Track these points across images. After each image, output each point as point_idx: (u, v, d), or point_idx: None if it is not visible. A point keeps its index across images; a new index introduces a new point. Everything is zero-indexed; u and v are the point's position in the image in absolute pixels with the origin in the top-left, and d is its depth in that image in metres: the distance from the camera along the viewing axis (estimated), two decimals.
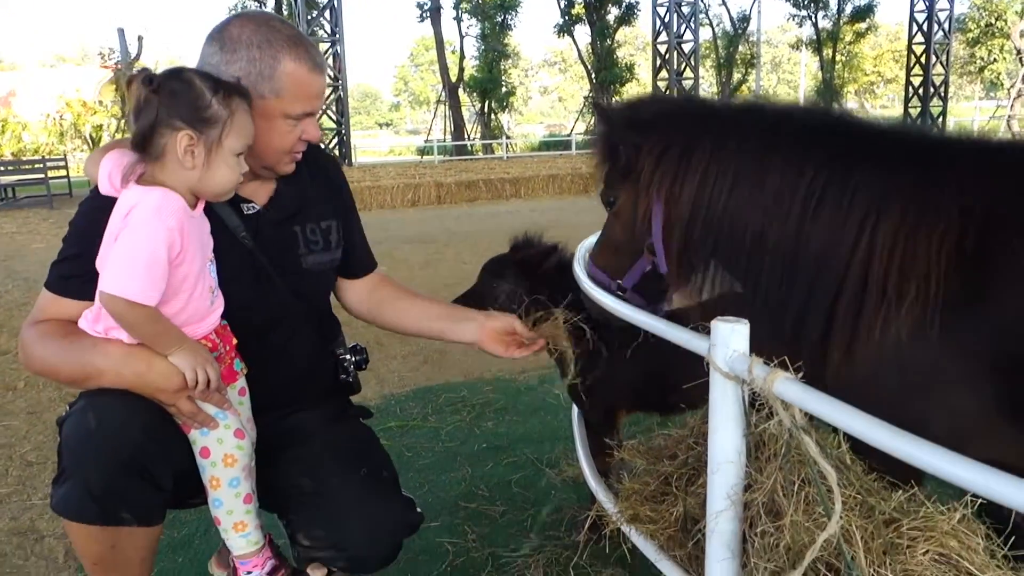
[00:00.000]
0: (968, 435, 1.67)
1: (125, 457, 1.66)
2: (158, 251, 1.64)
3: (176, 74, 1.71)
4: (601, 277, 2.21)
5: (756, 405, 1.49)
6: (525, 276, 2.76)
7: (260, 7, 37.01)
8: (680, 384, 2.56)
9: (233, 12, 1.98)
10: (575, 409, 3.05)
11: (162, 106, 1.66)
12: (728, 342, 1.53)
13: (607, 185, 2.12)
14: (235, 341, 1.91)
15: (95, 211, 1.79)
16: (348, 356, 2.27)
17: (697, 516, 1.70)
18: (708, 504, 1.58)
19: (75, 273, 1.81)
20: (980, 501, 1.32)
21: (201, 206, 1.81)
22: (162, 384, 1.71)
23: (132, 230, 1.65)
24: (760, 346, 1.51)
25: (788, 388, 1.37)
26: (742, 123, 1.89)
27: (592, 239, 3.18)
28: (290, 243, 2.07)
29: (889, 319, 1.65)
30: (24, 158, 28.38)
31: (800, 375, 1.38)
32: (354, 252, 2.28)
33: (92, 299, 1.76)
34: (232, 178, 1.77)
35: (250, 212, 2.01)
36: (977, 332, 1.63)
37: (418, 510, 2.04)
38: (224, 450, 1.81)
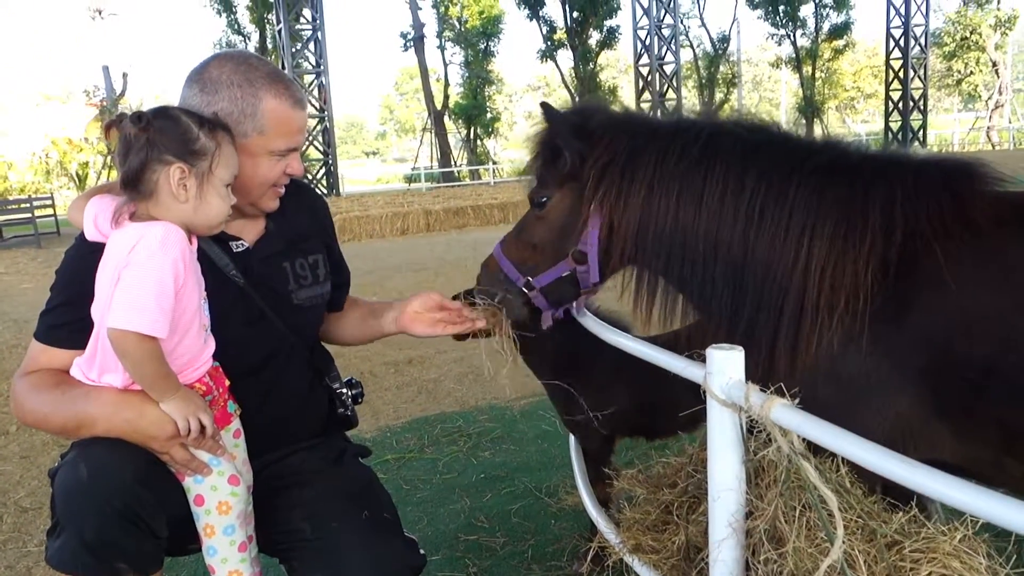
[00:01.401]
0: (905, 438, 1.72)
1: (118, 506, 1.64)
2: (166, 282, 1.65)
3: (162, 112, 1.74)
4: (509, 269, 2.21)
5: (754, 431, 1.50)
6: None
7: (245, 42, 37.21)
8: (673, 409, 2.58)
9: (214, 53, 2.02)
10: (572, 437, 3.05)
11: (151, 144, 1.68)
12: (724, 369, 1.54)
13: (540, 184, 2.14)
14: (228, 383, 1.90)
15: (81, 258, 1.79)
16: (344, 390, 2.27)
17: (699, 545, 1.71)
18: (710, 532, 1.58)
19: (64, 321, 1.80)
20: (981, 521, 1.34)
21: (195, 243, 1.82)
22: (154, 432, 1.70)
23: (138, 265, 1.64)
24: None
25: (786, 415, 1.38)
26: (682, 138, 1.92)
27: None
28: (281, 279, 2.08)
29: (823, 331, 1.73)
30: (10, 197, 28.31)
31: (797, 401, 1.40)
32: (342, 286, 2.32)
33: (82, 347, 1.75)
34: (224, 209, 1.79)
35: (239, 250, 2.02)
36: (902, 340, 1.70)
37: (421, 552, 2.02)
38: (219, 497, 1.79)
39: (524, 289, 2.17)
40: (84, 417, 1.72)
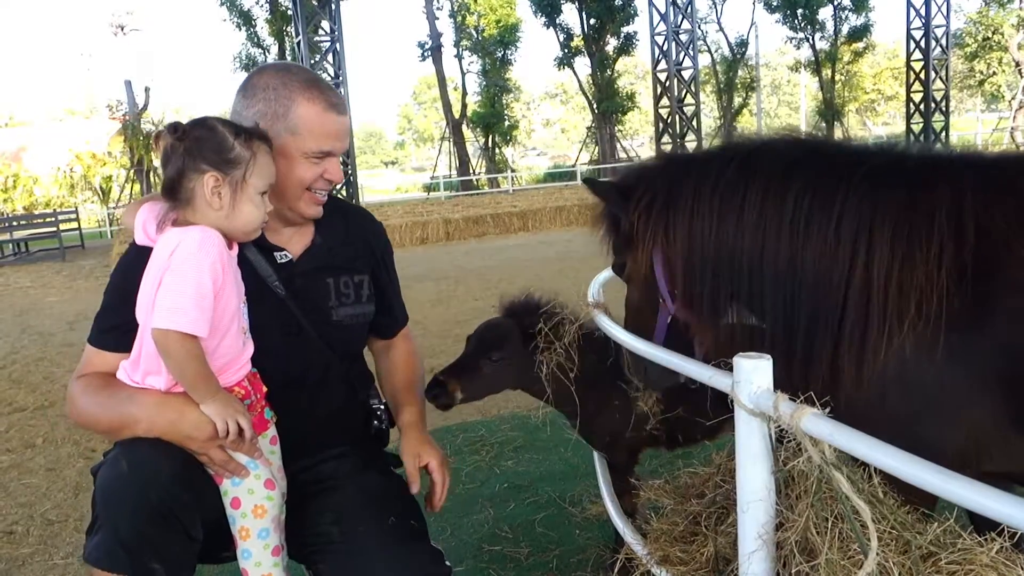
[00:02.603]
0: (979, 450, 1.67)
1: (155, 503, 1.67)
2: (204, 284, 1.71)
3: (200, 123, 1.82)
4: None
5: (784, 441, 1.47)
6: (526, 347, 2.56)
7: (264, 54, 37.56)
8: (697, 419, 2.55)
9: (256, 66, 2.14)
10: None
11: (188, 153, 1.76)
12: (751, 378, 1.51)
13: (616, 254, 2.19)
14: (265, 390, 1.94)
15: (131, 263, 1.88)
16: (381, 407, 2.28)
17: (729, 556, 1.68)
18: (739, 544, 1.55)
19: (113, 325, 1.88)
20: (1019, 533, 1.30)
21: (236, 249, 1.90)
22: (193, 433, 1.74)
23: (177, 268, 1.72)
24: (778, 372, 1.51)
25: (816, 424, 1.35)
26: (718, 160, 1.92)
27: (606, 273, 3.19)
28: (322, 294, 2.11)
29: (892, 338, 1.65)
30: (36, 212, 28.72)
31: (828, 409, 1.37)
32: (388, 313, 2.32)
33: (130, 350, 1.82)
34: (258, 216, 1.85)
35: (283, 261, 2.06)
36: (981, 346, 1.63)
37: (447, 563, 2.01)
38: (255, 501, 1.83)
39: None
40: (127, 418, 1.78)
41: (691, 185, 1.90)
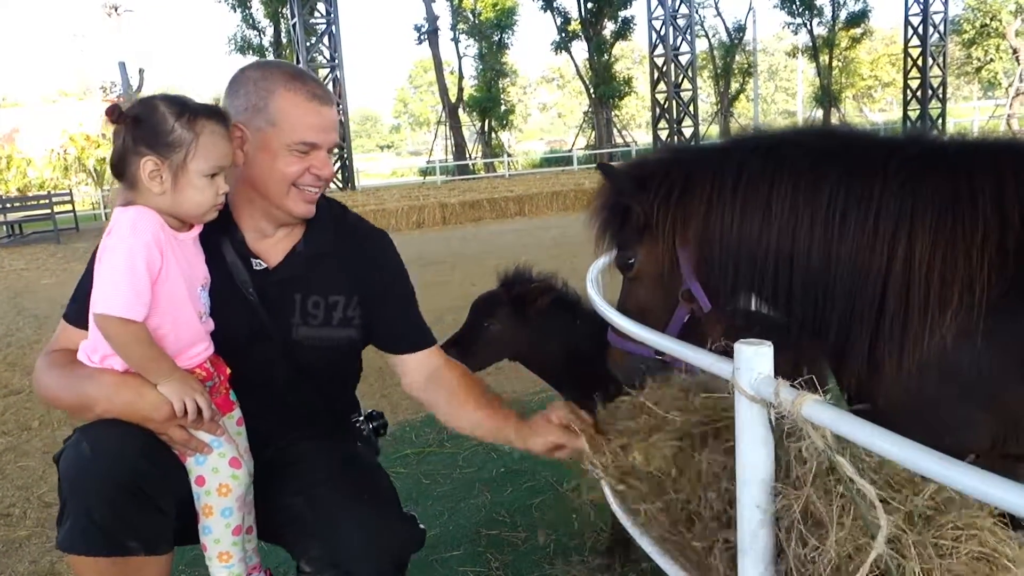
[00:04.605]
0: (1006, 433, 1.68)
1: (122, 480, 1.66)
2: (136, 265, 1.69)
3: (142, 102, 1.77)
4: (637, 349, 2.09)
5: (783, 428, 1.48)
6: (519, 314, 2.70)
7: (260, 36, 37.32)
8: None
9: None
10: None
11: (127, 134, 1.73)
12: (752, 365, 1.51)
13: (622, 247, 2.09)
14: (229, 371, 1.93)
15: None
16: (364, 423, 2.28)
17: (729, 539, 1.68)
18: (739, 531, 1.55)
19: (82, 300, 1.85)
20: None
21: (195, 230, 1.86)
22: (151, 413, 1.73)
23: (111, 249, 1.71)
24: (803, 365, 1.51)
25: (817, 411, 1.35)
26: (738, 154, 1.88)
27: (606, 258, 3.18)
28: (287, 309, 2.04)
29: (934, 328, 1.64)
30: (30, 194, 28.59)
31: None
32: (391, 327, 2.17)
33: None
34: (204, 199, 1.79)
35: (258, 269, 2.01)
36: (1018, 333, 1.63)
37: (421, 526, 1.99)
38: (219, 479, 1.83)
39: (658, 356, 2.05)
40: (86, 398, 1.78)
41: (709, 176, 1.86)
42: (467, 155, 39.04)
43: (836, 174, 1.74)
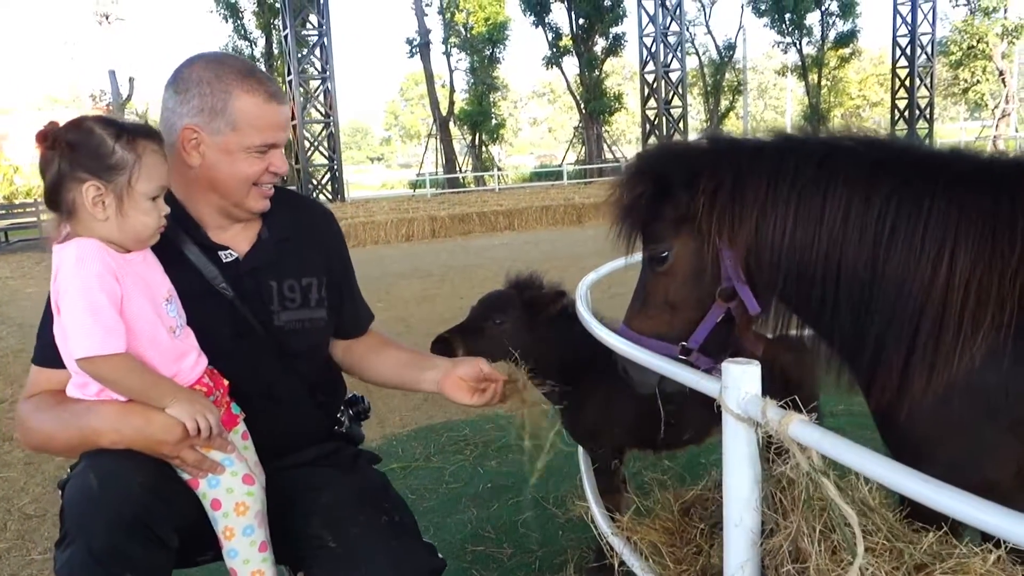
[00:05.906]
0: None
1: (128, 516, 1.61)
2: (95, 299, 1.61)
3: (76, 125, 1.67)
4: (655, 345, 2.00)
5: (773, 448, 1.48)
6: (529, 318, 2.72)
7: (251, 47, 37.33)
8: (683, 423, 2.57)
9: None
10: (580, 448, 3.02)
11: (63, 160, 1.62)
12: (740, 384, 1.52)
13: (653, 240, 2.00)
14: (227, 383, 1.87)
15: None
16: (343, 408, 2.25)
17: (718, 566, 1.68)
18: (726, 550, 1.55)
19: (54, 341, 1.76)
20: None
21: (143, 249, 1.78)
22: (163, 436, 1.68)
23: (64, 292, 1.62)
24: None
25: (804, 431, 1.35)
26: (793, 158, 1.85)
27: (594, 275, 3.18)
28: (265, 297, 2.02)
29: (966, 347, 1.65)
30: (16, 201, 28.37)
31: (815, 416, 1.37)
32: (347, 311, 2.21)
33: None
34: (151, 223, 1.72)
35: (228, 260, 1.97)
36: None
37: (440, 556, 1.99)
38: (235, 499, 1.78)
39: (681, 357, 1.97)
40: (89, 431, 1.70)
41: (764, 179, 1.82)
42: (457, 168, 39.09)
43: (887, 189, 1.74)
